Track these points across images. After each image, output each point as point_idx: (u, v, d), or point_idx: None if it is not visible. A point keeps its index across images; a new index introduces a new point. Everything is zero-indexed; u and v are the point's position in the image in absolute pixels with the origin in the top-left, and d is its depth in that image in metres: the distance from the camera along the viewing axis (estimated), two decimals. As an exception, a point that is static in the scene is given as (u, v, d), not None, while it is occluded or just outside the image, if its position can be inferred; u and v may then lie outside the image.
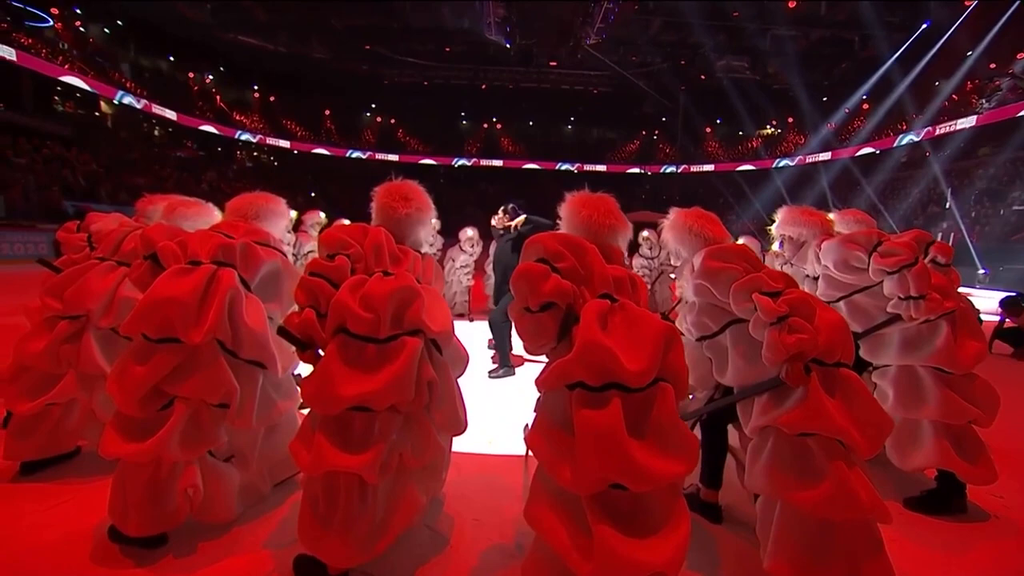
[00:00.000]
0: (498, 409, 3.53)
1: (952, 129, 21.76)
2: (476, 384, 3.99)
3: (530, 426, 2.26)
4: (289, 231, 5.16)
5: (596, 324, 1.29)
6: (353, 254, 1.71)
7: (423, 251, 1.98)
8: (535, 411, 1.99)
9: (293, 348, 1.65)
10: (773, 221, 2.83)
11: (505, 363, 4.32)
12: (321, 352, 1.61)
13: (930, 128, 22.82)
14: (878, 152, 25.28)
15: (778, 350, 1.47)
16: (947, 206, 18.02)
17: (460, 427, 1.77)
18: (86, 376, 2.11)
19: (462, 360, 1.82)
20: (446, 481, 2.06)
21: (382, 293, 1.57)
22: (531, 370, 4.58)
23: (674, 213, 2.00)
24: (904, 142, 24.07)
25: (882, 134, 25.27)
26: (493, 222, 4.60)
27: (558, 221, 1.78)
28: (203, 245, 1.81)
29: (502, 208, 4.46)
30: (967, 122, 21.04)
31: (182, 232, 1.95)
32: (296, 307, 1.70)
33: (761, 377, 1.63)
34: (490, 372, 4.29)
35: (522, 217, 4.19)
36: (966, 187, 19.87)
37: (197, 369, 1.70)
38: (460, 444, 2.19)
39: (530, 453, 2.70)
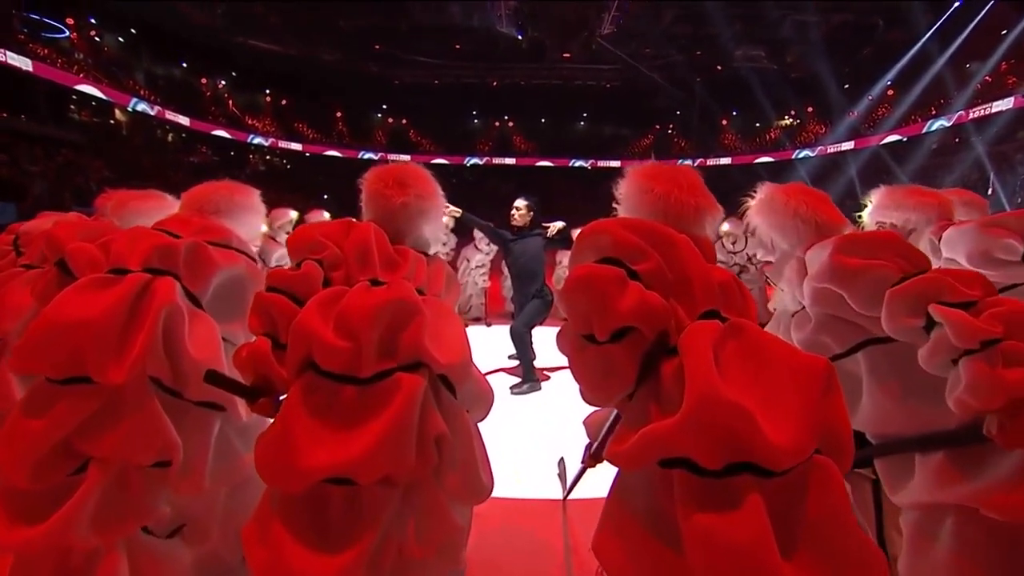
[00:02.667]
0: (524, 434, 3.03)
1: (987, 112, 20.67)
2: (496, 403, 3.49)
3: (573, 512, 1.75)
4: (289, 232, 4.71)
5: (712, 364, 0.78)
6: (328, 258, 1.23)
7: (431, 252, 1.49)
8: (583, 461, 1.50)
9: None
10: (864, 206, 2.29)
11: (530, 377, 3.82)
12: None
13: (962, 112, 21.76)
14: (905, 139, 24.24)
15: (990, 392, 0.94)
16: (989, 192, 17.01)
17: (483, 493, 1.27)
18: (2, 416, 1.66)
19: (484, 400, 1.33)
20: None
21: (365, 309, 1.08)
22: (559, 384, 4.06)
23: (768, 191, 1.48)
24: (934, 128, 23.01)
25: (909, 120, 24.21)
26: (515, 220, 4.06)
27: (615, 207, 1.28)
28: (134, 247, 1.34)
29: (524, 204, 3.94)
30: (1004, 104, 19.91)
31: (113, 231, 1.49)
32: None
33: (923, 425, 1.11)
34: (512, 388, 3.79)
35: (560, 224, 3.73)
36: (1006, 172, 18.78)
37: (120, 419, 1.23)
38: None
39: (569, 497, 2.20)
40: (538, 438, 2.93)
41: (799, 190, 1.44)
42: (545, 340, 2.89)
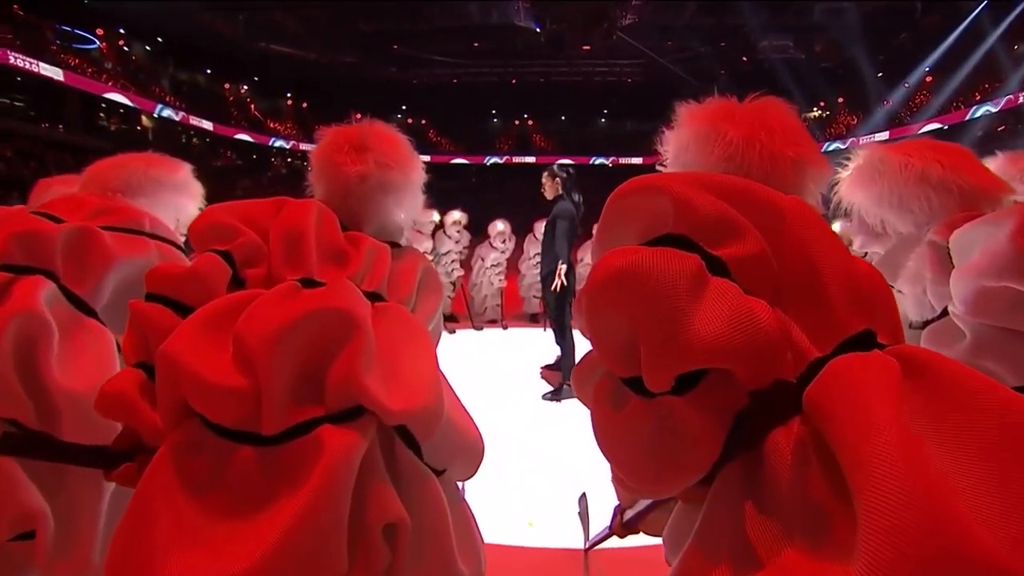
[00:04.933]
0: (540, 462, 2.59)
1: (1040, 96, 19.43)
2: (507, 423, 3.06)
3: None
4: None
5: (919, 461, 0.36)
6: (240, 248, 0.85)
7: (403, 243, 1.10)
8: (611, 527, 1.10)
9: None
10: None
11: (567, 377, 3.36)
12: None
13: (1011, 96, 20.47)
14: (946, 127, 22.98)
15: None
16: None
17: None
18: None
19: (470, 452, 0.91)
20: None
21: (272, 326, 0.69)
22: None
23: (874, 151, 1.05)
24: (979, 114, 21.73)
25: (950, 108, 22.94)
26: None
27: (659, 167, 0.87)
28: (-9, 237, 0.98)
29: (545, 175, 3.55)
30: (1060, 87, 18.70)
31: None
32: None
33: None
34: (545, 394, 3.34)
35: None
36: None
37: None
38: (485, 530, 1.31)
39: (596, 546, 1.78)
40: (556, 468, 2.50)
41: (926, 146, 1.00)
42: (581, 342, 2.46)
